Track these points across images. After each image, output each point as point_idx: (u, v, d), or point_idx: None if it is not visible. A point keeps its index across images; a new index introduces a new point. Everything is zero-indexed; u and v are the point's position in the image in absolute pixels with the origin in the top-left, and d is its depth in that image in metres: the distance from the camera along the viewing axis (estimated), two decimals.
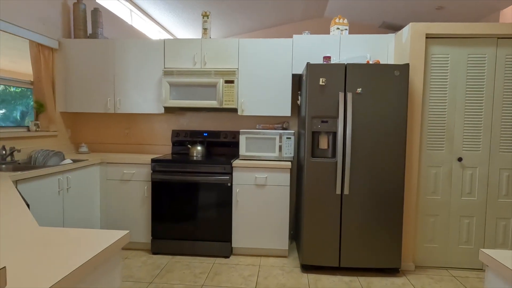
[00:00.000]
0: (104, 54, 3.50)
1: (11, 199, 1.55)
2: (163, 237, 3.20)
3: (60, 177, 2.69)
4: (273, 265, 3.02)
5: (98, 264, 0.96)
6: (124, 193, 3.27)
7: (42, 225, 2.47)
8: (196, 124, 3.83)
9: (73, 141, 3.86)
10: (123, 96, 3.51)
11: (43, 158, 2.84)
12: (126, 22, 5.08)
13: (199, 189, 3.16)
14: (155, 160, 3.20)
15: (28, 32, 3.11)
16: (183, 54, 3.43)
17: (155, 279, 2.71)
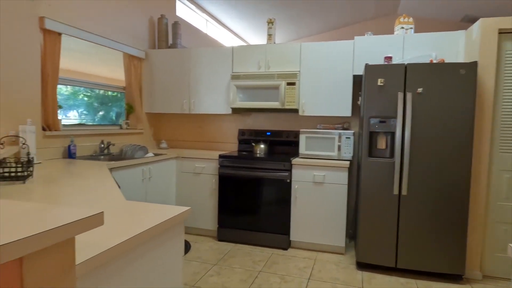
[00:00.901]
0: (182, 62, 3.98)
1: (107, 181, 1.97)
2: (227, 226, 3.53)
3: (144, 168, 3.18)
4: (329, 260, 3.13)
5: (166, 228, 1.24)
6: (195, 185, 3.68)
7: None
8: (260, 124, 4.09)
9: (155, 138, 4.44)
10: (197, 98, 3.94)
11: (131, 151, 3.37)
12: (202, 31, 5.60)
13: (260, 184, 3.41)
14: (222, 156, 3.54)
15: (122, 46, 3.70)
16: (249, 59, 3.72)
17: (219, 262, 3.03)
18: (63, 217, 0.75)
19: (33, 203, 0.87)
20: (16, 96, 2.58)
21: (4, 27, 2.46)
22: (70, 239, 0.77)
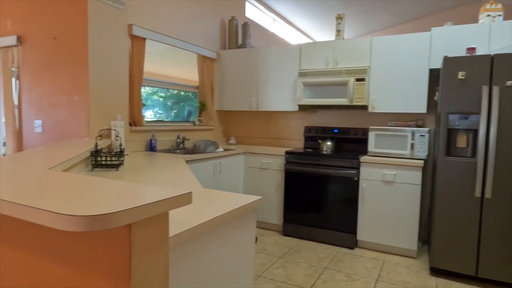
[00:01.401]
0: (250, 61, 4.12)
1: (185, 172, 2.15)
2: (292, 221, 3.57)
3: (215, 162, 3.37)
4: (399, 263, 2.99)
5: (241, 213, 1.34)
6: (261, 179, 3.80)
7: None
8: (327, 121, 4.06)
9: (224, 134, 4.66)
10: (264, 96, 4.04)
11: (203, 146, 3.60)
12: (269, 31, 5.71)
13: (327, 181, 3.39)
14: (288, 152, 3.60)
15: (196, 47, 3.96)
16: (317, 56, 3.71)
17: (284, 255, 3.10)
18: (159, 194, 0.87)
19: (134, 183, 1.02)
20: (109, 95, 2.93)
21: (101, 35, 2.81)
22: (165, 213, 0.89)
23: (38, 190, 0.90)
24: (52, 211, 0.69)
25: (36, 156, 1.65)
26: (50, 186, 0.96)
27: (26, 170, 1.21)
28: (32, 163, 1.40)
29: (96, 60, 2.79)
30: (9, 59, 3.28)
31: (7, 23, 3.28)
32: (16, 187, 0.93)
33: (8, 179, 1.04)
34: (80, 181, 1.02)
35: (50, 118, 3.03)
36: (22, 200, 0.78)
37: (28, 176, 1.09)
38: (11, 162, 1.43)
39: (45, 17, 2.99)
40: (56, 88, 2.97)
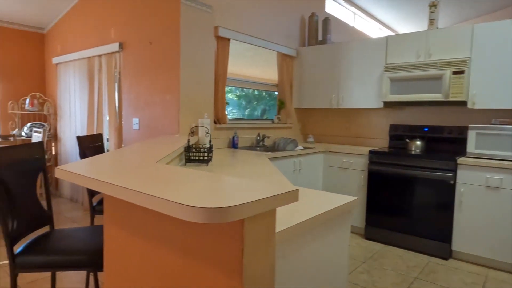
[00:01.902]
0: (331, 57, 4.00)
1: (271, 168, 2.16)
2: (376, 225, 3.37)
3: (295, 160, 3.35)
4: (505, 280, 2.62)
5: (337, 214, 1.28)
6: (342, 179, 3.66)
7: None
8: (416, 119, 3.74)
9: (302, 132, 4.61)
10: (345, 93, 3.89)
11: (283, 144, 3.60)
12: (349, 25, 5.48)
13: (416, 183, 3.13)
14: (373, 151, 3.40)
15: (277, 46, 3.98)
16: (406, 48, 3.44)
17: (368, 260, 2.94)
18: (269, 190, 0.87)
19: (240, 178, 1.03)
20: (197, 94, 3.10)
21: (191, 38, 2.98)
22: (274, 209, 0.88)
23: (156, 181, 0.97)
24: (177, 202, 0.73)
25: (140, 151, 1.80)
26: (165, 178, 1.02)
27: (138, 163, 1.32)
28: (140, 157, 1.52)
29: (186, 61, 2.97)
30: (113, 64, 3.68)
31: (111, 32, 3.68)
32: (134, 178, 1.01)
33: (126, 171, 1.14)
34: (191, 175, 1.07)
35: (146, 116, 3.32)
36: (144, 189, 0.84)
37: (142, 169, 1.19)
38: (121, 156, 1.58)
39: (142, 25, 3.28)
40: (151, 89, 3.24)
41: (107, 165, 1.28)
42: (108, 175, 1.04)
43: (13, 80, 4.73)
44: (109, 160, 1.42)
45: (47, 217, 1.74)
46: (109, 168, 1.19)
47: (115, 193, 0.91)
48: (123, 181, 0.94)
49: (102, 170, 1.14)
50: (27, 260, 1.43)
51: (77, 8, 4.25)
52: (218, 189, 0.88)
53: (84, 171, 1.11)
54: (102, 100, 3.92)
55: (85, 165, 1.24)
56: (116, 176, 1.02)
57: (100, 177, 0.99)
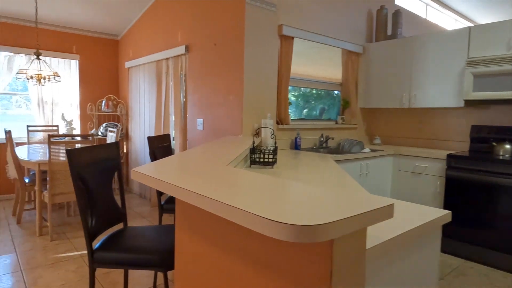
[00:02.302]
0: (402, 52, 3.70)
1: (339, 172, 2.02)
2: (454, 237, 3.04)
3: (362, 163, 3.14)
4: None
5: (427, 229, 1.12)
6: (414, 185, 3.36)
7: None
8: (503, 119, 3.29)
9: (368, 133, 4.35)
10: (419, 91, 3.57)
11: (348, 146, 3.42)
12: (421, 17, 5.05)
13: (503, 192, 2.74)
14: (452, 155, 3.06)
15: (342, 42, 3.79)
16: (493, 39, 3.04)
17: (446, 277, 2.64)
18: (359, 204, 0.76)
19: (323, 188, 0.94)
20: (260, 94, 3.06)
21: (255, 37, 2.95)
22: None
23: (231, 188, 0.92)
24: (260, 216, 0.66)
25: (209, 153, 1.79)
26: (240, 184, 0.97)
27: (209, 166, 1.29)
28: (210, 159, 1.50)
29: (250, 61, 2.95)
30: (179, 66, 3.81)
31: (178, 36, 3.81)
32: (208, 184, 0.97)
33: (199, 176, 1.11)
34: (268, 182, 1.00)
35: (209, 116, 3.37)
36: (222, 198, 0.79)
37: (214, 172, 1.15)
38: (192, 158, 1.57)
39: (207, 27, 3.33)
40: (215, 90, 3.28)
41: (179, 168, 1.27)
42: (182, 179, 1.02)
43: (92, 84, 5.16)
44: (180, 163, 1.42)
45: (122, 214, 1.81)
46: (182, 172, 1.18)
47: (191, 200, 0.87)
48: (198, 187, 0.90)
49: (176, 174, 1.12)
50: (104, 256, 1.49)
51: (147, 15, 4.48)
52: (303, 201, 0.79)
53: (158, 174, 1.10)
54: (169, 101, 4.08)
55: (158, 167, 1.25)
56: (190, 181, 0.99)
57: (175, 182, 0.96)
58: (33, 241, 3.16)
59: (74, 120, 5.04)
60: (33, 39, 4.54)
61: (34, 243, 3.13)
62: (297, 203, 0.76)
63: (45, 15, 4.41)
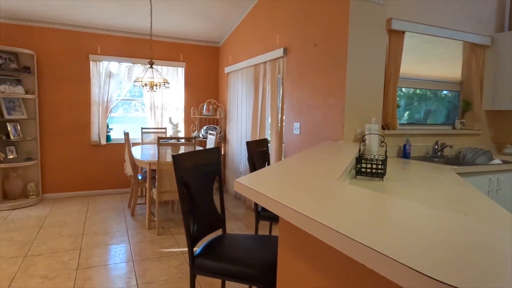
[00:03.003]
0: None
1: (466, 188, 1.66)
2: None
3: (491, 177, 2.61)
4: None
5: None
6: None
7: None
8: None
9: (495, 141, 3.64)
10: None
11: (471, 156, 2.88)
12: None
13: None
14: None
15: (463, 34, 3.24)
16: None
17: None
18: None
19: (472, 219, 0.71)
20: (364, 96, 2.79)
21: (360, 34, 2.70)
22: None
23: (350, 212, 0.75)
24: (401, 263, 0.48)
25: (313, 162, 1.65)
26: (361, 207, 0.80)
27: (318, 180, 1.14)
28: (317, 170, 1.35)
29: (354, 61, 2.71)
30: (276, 69, 3.76)
31: (276, 39, 3.77)
32: (324, 206, 0.82)
33: (308, 192, 0.97)
34: (395, 204, 0.81)
35: (307, 120, 3.22)
36: (342, 228, 0.63)
37: (325, 190, 1.00)
38: (296, 168, 1.45)
39: (307, 27, 3.19)
40: (313, 92, 3.12)
41: (285, 181, 1.15)
42: (289, 197, 0.89)
43: (195, 89, 5.52)
44: (285, 174, 1.30)
45: (221, 220, 1.79)
46: (289, 187, 1.06)
47: (304, 225, 0.74)
48: (310, 209, 0.76)
49: (281, 189, 1.00)
50: (204, 264, 1.46)
51: (245, 22, 4.57)
52: (464, 243, 0.59)
53: (263, 188, 1.00)
54: (265, 105, 4.07)
55: (261, 179, 1.15)
56: (299, 199, 0.86)
57: (284, 201, 0.84)
58: (143, 234, 3.47)
59: (179, 123, 5.45)
60: (148, 50, 5.06)
61: (144, 235, 3.42)
62: (446, 243, 0.56)
63: (158, 29, 4.86)
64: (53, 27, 4.58)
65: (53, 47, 4.62)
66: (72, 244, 3.15)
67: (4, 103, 4.25)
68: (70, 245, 3.13)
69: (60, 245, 3.11)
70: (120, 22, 4.65)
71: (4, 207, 4.19)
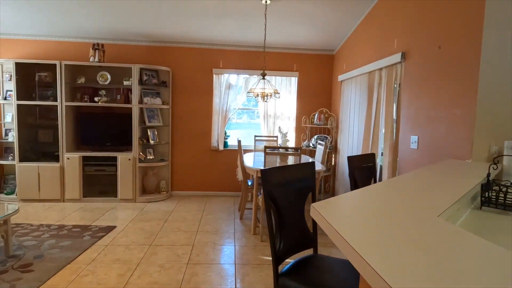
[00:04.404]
0: None
1: None
2: None
3: None
4: None
5: None
6: None
7: None
8: None
9: None
10: None
11: None
12: None
13: None
14: None
15: None
16: None
17: None
18: None
19: None
20: (501, 107, 2.27)
21: (496, 33, 2.21)
22: None
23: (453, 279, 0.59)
24: None
25: (419, 186, 1.41)
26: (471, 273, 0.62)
27: (413, 216, 0.96)
28: (419, 200, 1.15)
29: (489, 64, 2.24)
30: (393, 76, 3.42)
31: (393, 43, 3.44)
32: (411, 258, 0.68)
33: (398, 233, 0.82)
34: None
35: (426, 134, 2.82)
36: None
37: (420, 230, 0.83)
38: (393, 194, 1.26)
39: (429, 29, 2.81)
40: (435, 102, 2.71)
41: (374, 212, 1.01)
42: (369, 240, 0.77)
43: (307, 98, 5.50)
44: (378, 201, 1.15)
45: (312, 239, 1.71)
46: (376, 222, 0.92)
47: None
48: (398, 271, 0.63)
49: (361, 225, 0.88)
50: (287, 284, 1.41)
51: (361, 27, 4.32)
52: None
53: (338, 220, 0.89)
54: (379, 115, 3.75)
55: (343, 205, 1.04)
56: (382, 247, 0.73)
57: (361, 250, 0.72)
58: (247, 238, 3.61)
59: (289, 131, 5.52)
60: (261, 62, 5.30)
61: (248, 240, 3.56)
62: None
63: (272, 40, 5.05)
64: (185, 46, 5.26)
65: (184, 64, 5.30)
66: (187, 240, 3.51)
67: (146, 112, 5.07)
68: (185, 240, 3.50)
69: (178, 239, 3.51)
70: (239, 37, 5.00)
71: (142, 199, 4.99)
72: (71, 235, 3.52)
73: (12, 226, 3.66)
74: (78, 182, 4.82)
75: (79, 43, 5.12)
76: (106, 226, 3.82)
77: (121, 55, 5.18)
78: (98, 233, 3.58)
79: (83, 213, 4.34)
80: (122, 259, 2.99)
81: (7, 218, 2.88)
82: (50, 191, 4.79)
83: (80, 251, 3.10)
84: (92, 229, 3.70)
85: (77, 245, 3.24)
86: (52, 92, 4.81)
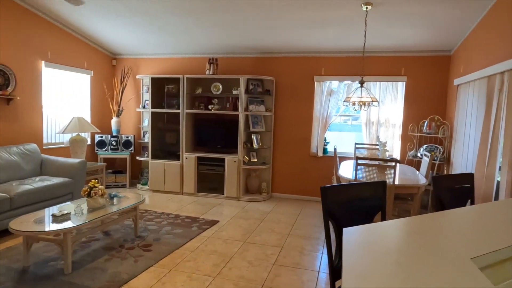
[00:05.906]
0: None
1: None
2: None
3: None
4: None
5: None
6: None
7: None
8: None
9: None
10: None
11: None
12: None
13: None
14: None
15: None
16: None
17: None
18: None
19: None
20: None
21: None
22: None
23: None
24: None
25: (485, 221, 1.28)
26: None
27: (447, 258, 0.93)
28: (462, 242, 1.08)
29: None
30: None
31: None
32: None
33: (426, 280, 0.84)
34: None
35: None
36: None
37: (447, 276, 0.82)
38: (442, 231, 1.19)
39: None
40: None
41: (411, 252, 1.01)
42: None
43: (416, 105, 5.07)
44: (419, 236, 1.12)
45: None
46: (408, 266, 0.93)
47: None
48: None
49: (391, 266, 0.90)
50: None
51: (483, 23, 3.78)
52: None
53: (364, 260, 0.93)
54: (499, 125, 3.24)
55: (379, 237, 1.06)
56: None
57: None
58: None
59: (395, 140, 5.18)
60: (366, 67, 5.11)
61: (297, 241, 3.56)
62: None
63: (376, 44, 4.84)
64: (287, 56, 5.50)
65: (287, 72, 5.54)
66: (278, 241, 3.72)
67: (251, 118, 5.51)
68: (276, 241, 3.72)
69: (269, 240, 3.76)
70: (341, 44, 4.96)
71: (245, 198, 5.44)
72: (183, 224, 4.15)
73: (142, 211, 4.52)
74: (194, 178, 5.58)
75: (197, 58, 5.90)
76: (211, 220, 4.34)
77: (231, 67, 5.76)
78: (203, 225, 4.12)
79: (196, 206, 5.02)
80: (219, 251, 3.39)
81: (135, 206, 3.61)
82: (172, 185, 5.68)
83: (188, 239, 3.65)
84: (200, 221, 4.27)
85: (186, 234, 3.81)
86: (176, 101, 5.69)
